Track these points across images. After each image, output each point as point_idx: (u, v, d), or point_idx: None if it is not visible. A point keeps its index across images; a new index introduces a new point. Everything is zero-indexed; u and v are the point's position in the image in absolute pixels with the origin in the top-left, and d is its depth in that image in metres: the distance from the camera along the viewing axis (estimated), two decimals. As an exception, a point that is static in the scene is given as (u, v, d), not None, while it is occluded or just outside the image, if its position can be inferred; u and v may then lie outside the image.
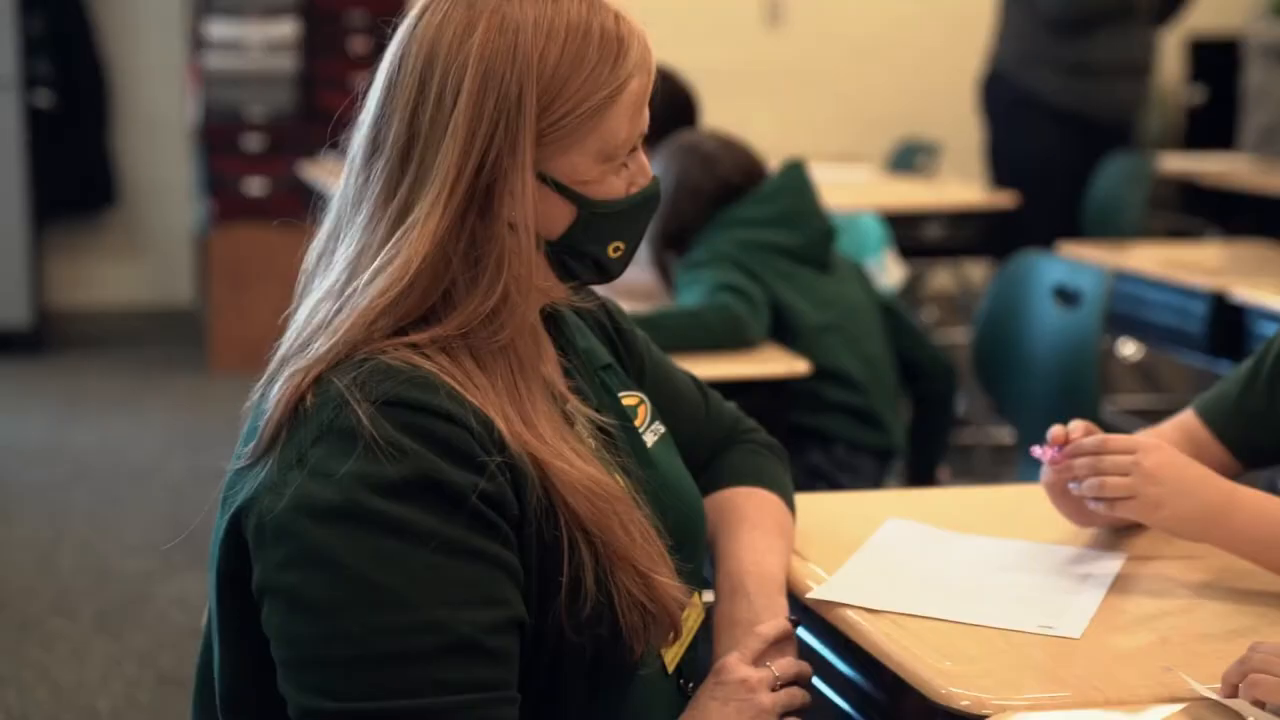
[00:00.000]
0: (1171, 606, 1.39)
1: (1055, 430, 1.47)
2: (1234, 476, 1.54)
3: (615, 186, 1.24)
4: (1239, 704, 1.15)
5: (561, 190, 1.21)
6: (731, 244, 2.67)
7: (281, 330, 1.23)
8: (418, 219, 1.17)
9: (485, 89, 1.17)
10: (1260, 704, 1.14)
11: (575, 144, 1.20)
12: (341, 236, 1.22)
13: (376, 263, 1.18)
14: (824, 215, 2.78)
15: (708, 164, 2.72)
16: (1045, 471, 1.52)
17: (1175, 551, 1.52)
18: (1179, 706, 1.18)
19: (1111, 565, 1.47)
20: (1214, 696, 1.16)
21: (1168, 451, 1.41)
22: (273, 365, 1.21)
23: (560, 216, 1.23)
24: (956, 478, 3.45)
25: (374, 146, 1.21)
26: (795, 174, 2.77)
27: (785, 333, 2.66)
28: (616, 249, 1.26)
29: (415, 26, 1.21)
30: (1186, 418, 1.66)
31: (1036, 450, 1.49)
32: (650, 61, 1.24)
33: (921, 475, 2.82)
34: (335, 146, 1.28)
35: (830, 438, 2.65)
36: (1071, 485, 1.46)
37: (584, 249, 1.24)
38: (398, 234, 1.18)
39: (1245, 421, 1.62)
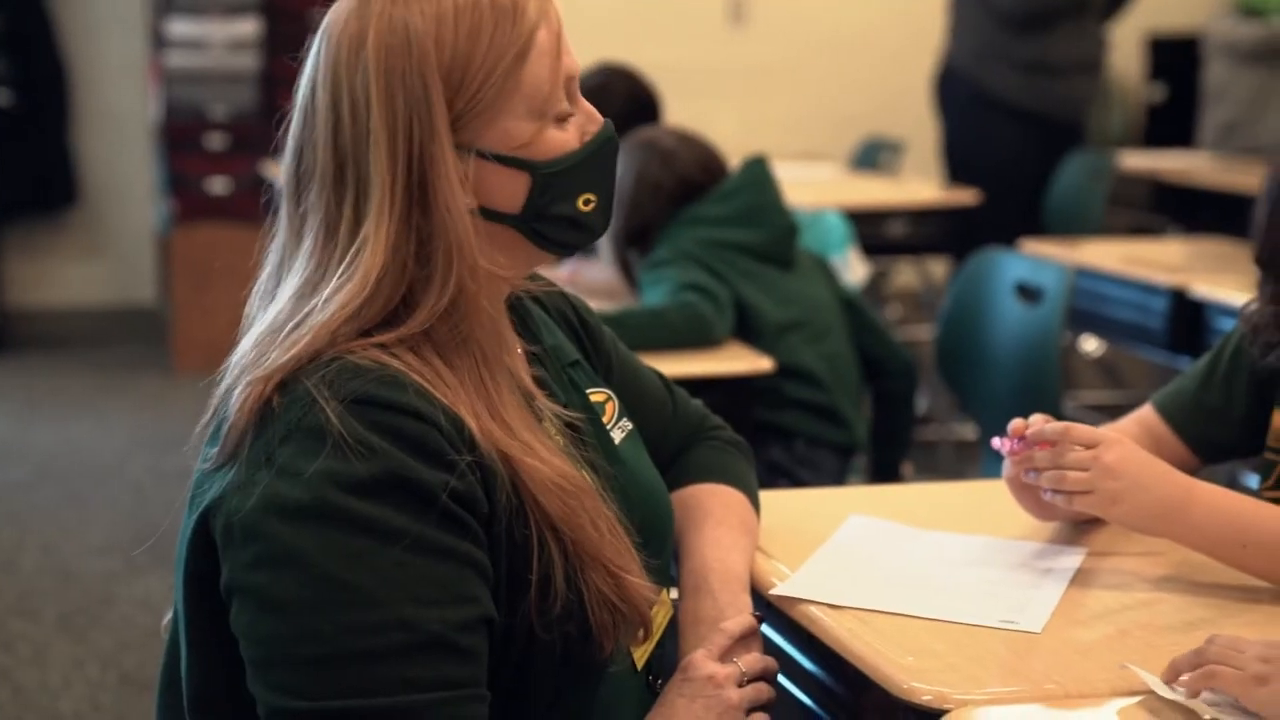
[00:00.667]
0: (1131, 601, 1.41)
1: (1015, 423, 1.49)
2: (1192, 471, 1.56)
3: (565, 141, 1.24)
4: (1195, 704, 1.16)
5: (505, 161, 1.21)
6: (694, 242, 2.67)
7: (238, 342, 1.23)
8: (369, 233, 1.18)
9: (391, 90, 1.18)
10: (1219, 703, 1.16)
11: (501, 111, 1.21)
12: (285, 274, 1.22)
13: (335, 282, 1.18)
14: (786, 211, 2.79)
15: (666, 160, 2.73)
16: (1006, 466, 1.53)
17: (1135, 546, 1.53)
18: (1137, 699, 1.20)
19: (1072, 560, 1.49)
20: (1168, 694, 1.17)
21: (1128, 446, 1.42)
22: (229, 375, 1.20)
23: (515, 188, 1.23)
24: (919, 474, 3.47)
25: (302, 179, 1.22)
26: (757, 170, 2.77)
27: (748, 331, 2.67)
28: (588, 201, 1.25)
29: (316, 56, 1.23)
30: (1145, 413, 1.68)
31: (996, 442, 1.50)
32: (553, 9, 1.24)
33: (884, 471, 2.83)
34: None
35: (791, 434, 2.67)
36: (1029, 476, 1.46)
37: (552, 211, 1.24)
38: (352, 252, 1.18)
39: (1203, 417, 1.64)
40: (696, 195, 2.73)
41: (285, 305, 1.20)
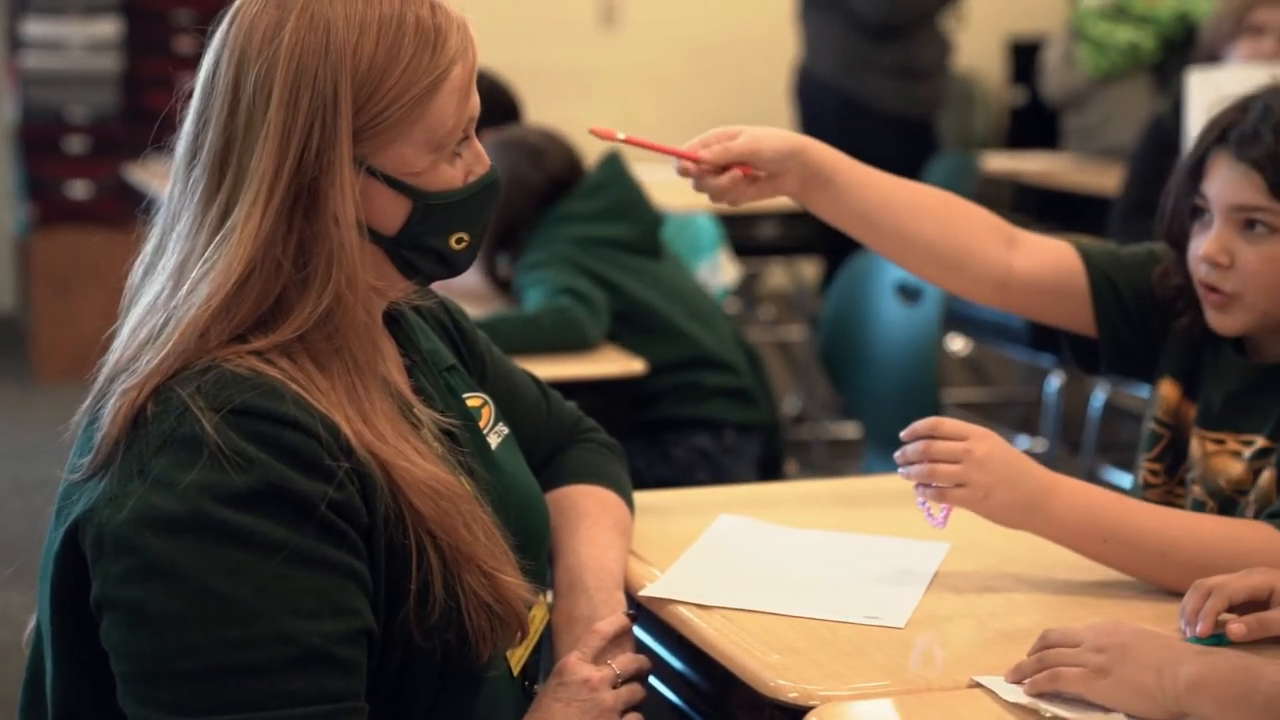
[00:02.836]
0: (993, 594, 1.44)
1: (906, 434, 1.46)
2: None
3: (451, 176, 1.24)
4: (1036, 703, 1.18)
5: (392, 183, 1.21)
6: (569, 242, 2.68)
7: (107, 345, 1.21)
8: (236, 223, 1.16)
9: (298, 86, 1.16)
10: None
11: (401, 135, 1.20)
12: (165, 248, 1.20)
13: (198, 272, 1.16)
14: (651, 204, 2.81)
15: (536, 158, 2.73)
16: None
17: (996, 541, 1.57)
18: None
19: (935, 556, 1.52)
20: (1013, 697, 1.20)
21: (996, 440, 1.44)
22: (100, 382, 1.18)
23: (395, 211, 1.22)
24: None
25: (193, 154, 1.20)
26: (616, 166, 2.78)
27: (642, 328, 2.67)
28: (460, 240, 1.26)
29: (228, 30, 1.20)
30: (1068, 256, 1.69)
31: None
32: (471, 48, 1.24)
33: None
34: (161, 148, 1.27)
35: (718, 424, 2.69)
36: (901, 472, 1.47)
37: (424, 242, 1.24)
38: (217, 240, 1.17)
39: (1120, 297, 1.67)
40: (563, 193, 2.73)
41: (161, 289, 1.18)
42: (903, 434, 1.44)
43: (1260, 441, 1.55)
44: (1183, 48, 5.53)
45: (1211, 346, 1.63)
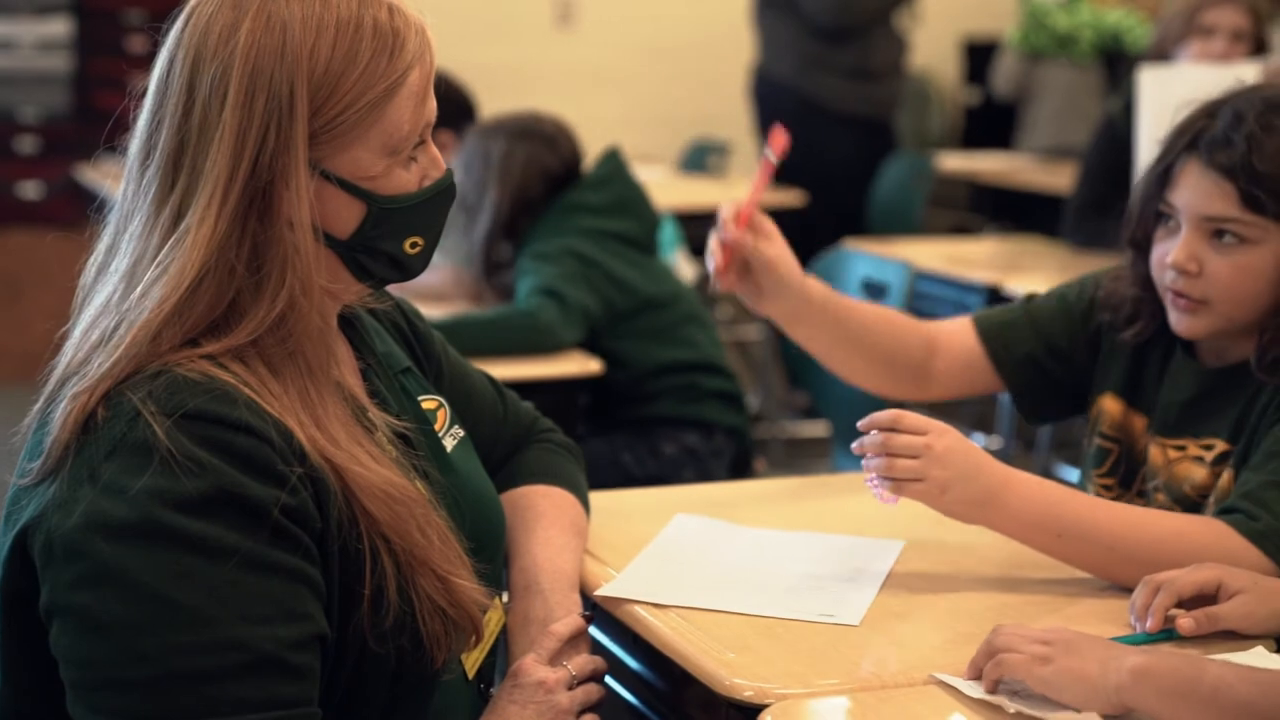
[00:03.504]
0: (947, 592, 1.45)
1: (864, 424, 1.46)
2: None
3: (406, 181, 1.23)
4: (999, 699, 1.19)
5: (347, 187, 1.20)
6: (579, 233, 2.65)
7: (58, 347, 1.20)
8: (190, 226, 1.15)
9: (253, 88, 1.15)
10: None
11: (357, 139, 1.19)
12: (118, 248, 1.19)
13: (151, 274, 1.15)
14: (651, 202, 2.80)
15: (551, 144, 2.72)
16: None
17: (950, 537, 1.58)
18: (951, 687, 1.23)
19: (890, 554, 1.53)
20: (973, 692, 1.21)
21: (954, 435, 1.44)
22: (51, 385, 1.17)
23: (349, 215, 1.21)
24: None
25: (146, 154, 1.19)
26: (618, 161, 2.77)
27: (650, 328, 2.67)
28: (414, 244, 1.25)
29: (183, 29, 1.19)
30: (967, 335, 1.75)
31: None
32: (429, 52, 1.23)
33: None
34: (113, 149, 1.25)
35: (710, 425, 2.70)
36: (865, 464, 1.44)
37: (378, 246, 1.23)
38: (170, 243, 1.15)
39: (1029, 360, 1.72)
40: (572, 182, 2.72)
41: (113, 290, 1.17)
42: (861, 424, 1.44)
43: (1220, 445, 1.57)
44: (1113, 62, 5.61)
45: (1158, 354, 1.65)
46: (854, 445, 1.44)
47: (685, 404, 2.69)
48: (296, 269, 1.17)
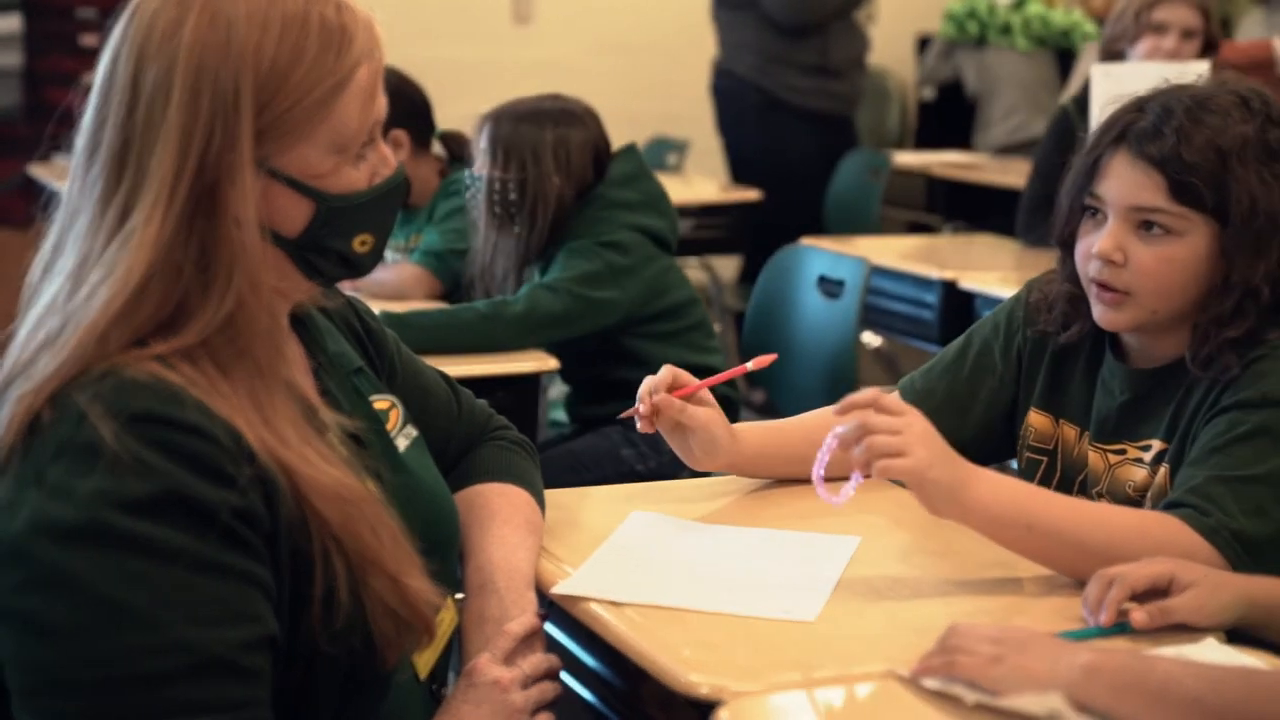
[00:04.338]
0: (902, 587, 1.45)
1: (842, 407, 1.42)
2: None
3: (355, 179, 1.22)
4: (958, 690, 1.20)
5: (295, 186, 1.19)
6: (621, 227, 2.59)
7: (4, 347, 1.19)
8: (136, 226, 1.14)
9: (198, 86, 1.14)
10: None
11: (304, 137, 1.18)
12: (63, 247, 1.18)
13: (97, 274, 1.14)
14: (670, 200, 2.75)
15: (589, 126, 2.64)
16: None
17: (904, 533, 1.59)
18: (907, 682, 1.23)
19: (845, 549, 1.53)
20: (931, 684, 1.22)
21: (928, 422, 1.42)
22: None
23: (298, 213, 1.20)
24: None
25: (91, 152, 1.18)
26: (640, 158, 2.72)
27: (670, 331, 2.65)
28: (364, 242, 1.24)
29: (127, 26, 1.18)
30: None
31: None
32: (378, 49, 1.22)
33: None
34: (63, 146, 1.24)
35: None
36: (829, 440, 1.41)
37: (327, 244, 1.22)
38: (116, 242, 1.14)
39: (952, 412, 1.70)
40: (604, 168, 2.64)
41: (59, 289, 1.15)
42: (837, 408, 1.40)
43: (1157, 445, 1.58)
44: (1064, 58, 5.65)
45: (1083, 364, 1.66)
46: (832, 433, 1.40)
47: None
48: (244, 268, 1.16)
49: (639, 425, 1.64)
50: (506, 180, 2.57)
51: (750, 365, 1.70)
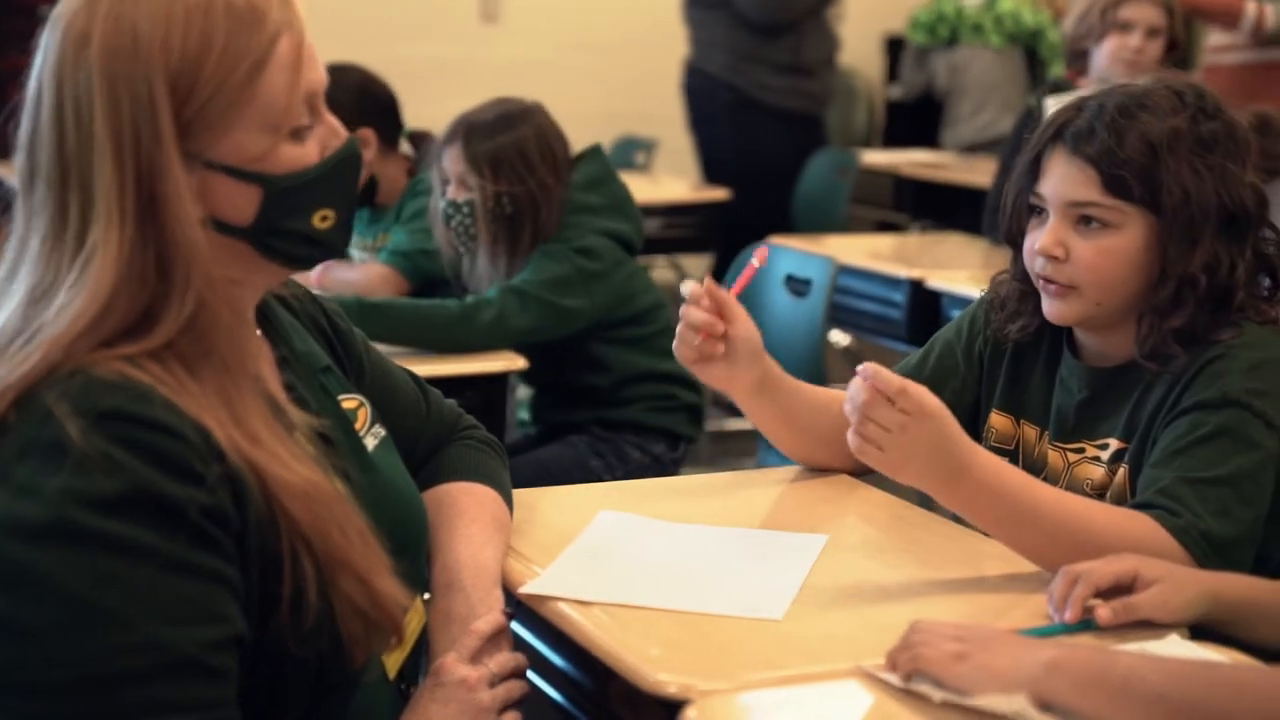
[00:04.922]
0: (869, 584, 1.46)
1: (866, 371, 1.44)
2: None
3: (302, 155, 1.21)
4: (924, 689, 1.21)
5: (235, 173, 1.18)
6: (591, 233, 2.58)
7: None
8: (95, 244, 1.13)
9: (116, 93, 1.14)
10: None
11: (234, 122, 1.17)
12: (16, 273, 1.17)
13: (63, 297, 1.13)
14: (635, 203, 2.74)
15: (539, 115, 2.63)
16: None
17: (874, 532, 1.59)
18: (873, 680, 1.24)
19: (812, 548, 1.53)
20: (895, 681, 1.22)
21: (938, 423, 1.42)
22: None
23: (245, 201, 1.19)
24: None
25: (30, 176, 1.17)
26: (605, 160, 2.71)
27: (638, 336, 2.64)
28: (324, 218, 1.23)
29: (45, 51, 1.18)
30: None
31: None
32: (297, 19, 1.21)
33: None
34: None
35: (677, 437, 2.71)
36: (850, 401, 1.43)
37: (285, 226, 1.21)
38: (79, 263, 1.14)
39: None
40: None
41: (16, 311, 1.15)
42: (864, 369, 1.42)
43: (1114, 443, 1.60)
44: (1031, 57, 5.68)
45: (1041, 364, 1.68)
46: (854, 381, 1.42)
47: (658, 413, 2.68)
48: (201, 268, 1.15)
49: (688, 367, 1.68)
50: (501, 192, 2.56)
51: (756, 261, 1.75)
